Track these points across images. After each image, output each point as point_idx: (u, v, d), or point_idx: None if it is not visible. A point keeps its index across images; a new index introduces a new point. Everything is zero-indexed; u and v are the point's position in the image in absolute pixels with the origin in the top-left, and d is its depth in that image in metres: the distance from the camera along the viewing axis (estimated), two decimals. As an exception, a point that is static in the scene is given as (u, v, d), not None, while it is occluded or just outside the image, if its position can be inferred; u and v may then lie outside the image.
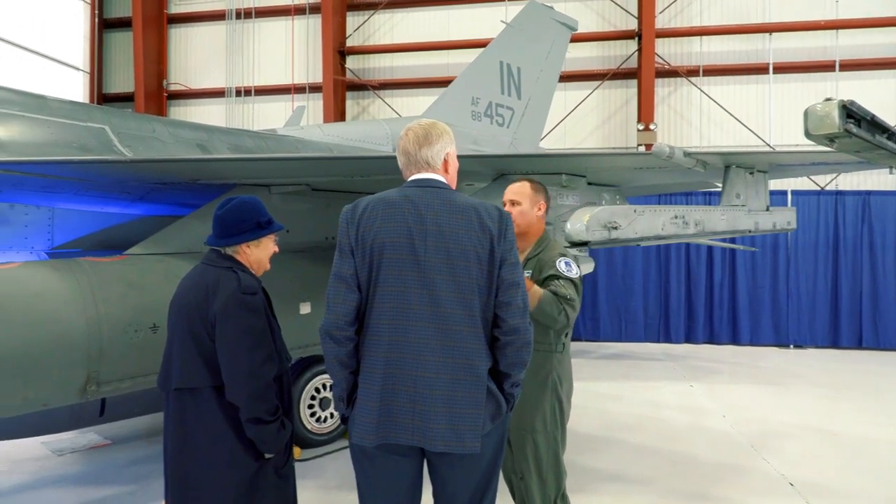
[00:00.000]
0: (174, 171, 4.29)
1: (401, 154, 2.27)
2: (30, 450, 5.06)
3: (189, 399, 2.42)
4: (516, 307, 2.13)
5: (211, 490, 2.40)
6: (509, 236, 2.17)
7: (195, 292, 2.46)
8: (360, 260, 2.13)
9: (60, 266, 3.55)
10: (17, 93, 4.48)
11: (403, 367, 2.06)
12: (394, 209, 2.14)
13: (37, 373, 3.22)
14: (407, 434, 2.06)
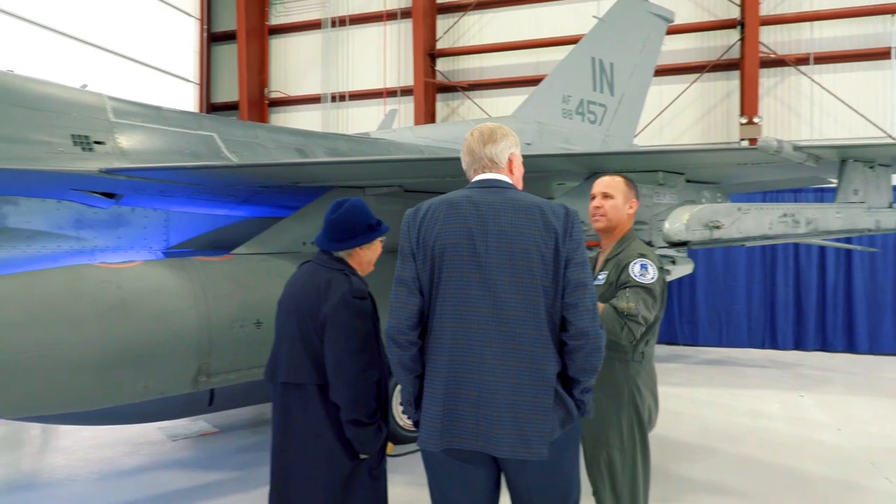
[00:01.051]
0: (276, 175, 4.51)
1: (465, 154, 2.24)
2: (148, 434, 5.47)
3: (294, 393, 2.51)
4: (584, 309, 2.04)
5: (309, 483, 2.48)
6: (575, 235, 2.09)
7: (307, 292, 2.52)
8: (421, 263, 2.10)
9: (175, 265, 3.83)
10: (137, 105, 4.86)
11: (466, 370, 2.02)
12: (455, 210, 2.10)
13: (156, 363, 3.49)
14: (471, 439, 2.01)
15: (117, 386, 3.41)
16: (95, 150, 4.21)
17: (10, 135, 3.90)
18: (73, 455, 5.10)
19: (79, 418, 4.12)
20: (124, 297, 3.44)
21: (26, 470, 4.96)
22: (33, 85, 4.39)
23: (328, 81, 14.19)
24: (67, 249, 4.16)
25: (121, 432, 5.36)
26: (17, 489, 4.47)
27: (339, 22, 14.18)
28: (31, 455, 5.32)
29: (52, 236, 4.11)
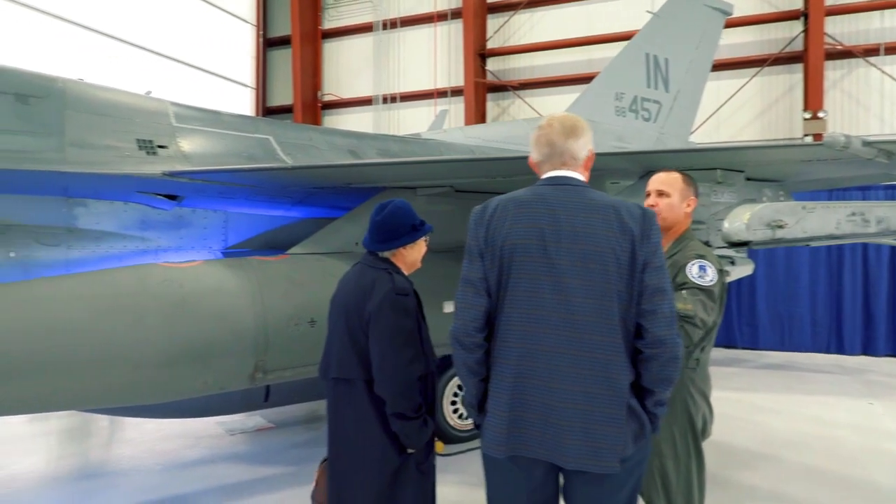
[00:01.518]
0: (329, 176, 4.58)
1: (542, 146, 2.10)
2: (208, 428, 5.66)
3: (345, 389, 2.59)
4: (662, 316, 1.94)
5: (360, 476, 2.55)
6: (653, 238, 1.98)
7: (354, 292, 2.61)
8: (489, 263, 2.03)
9: (234, 264, 3.95)
10: (197, 110, 5.04)
11: (535, 376, 1.94)
12: (525, 209, 2.02)
13: (215, 360, 3.60)
14: (537, 448, 1.94)
15: (179, 380, 3.54)
16: (159, 153, 4.38)
17: (81, 140, 4.10)
18: (139, 446, 5.32)
19: (143, 411, 4.31)
20: (186, 296, 3.57)
21: (95, 459, 5.20)
22: (102, 93, 4.60)
23: (379, 83, 14.36)
24: (133, 249, 4.34)
25: (182, 426, 5.57)
26: (87, 477, 4.69)
27: (389, 24, 14.32)
28: (100, 445, 5.57)
29: (119, 237, 4.29)
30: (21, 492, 4.41)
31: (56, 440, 5.65)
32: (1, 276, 3.79)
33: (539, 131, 2.14)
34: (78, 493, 4.35)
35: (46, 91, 4.21)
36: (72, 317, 3.29)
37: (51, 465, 5.06)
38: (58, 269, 3.98)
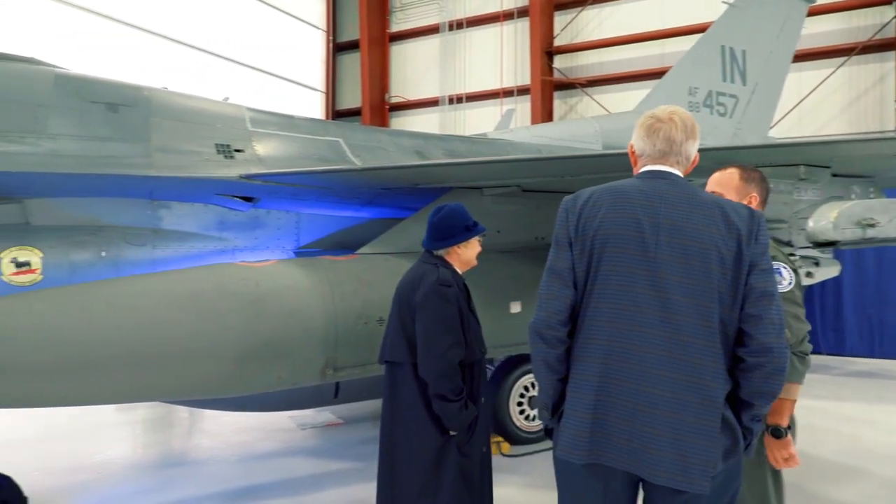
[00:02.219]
0: (397, 177, 4.65)
1: (659, 140, 1.96)
2: (280, 422, 5.85)
3: (396, 371, 2.85)
4: (769, 322, 1.78)
5: (407, 452, 2.77)
6: (762, 239, 1.85)
7: (408, 284, 2.90)
8: (578, 253, 1.92)
9: (305, 264, 4.06)
10: (271, 114, 5.21)
11: (623, 377, 1.81)
12: (622, 199, 1.90)
13: (288, 356, 3.72)
14: (620, 457, 1.80)
15: (255, 375, 3.68)
16: (236, 157, 4.56)
17: (166, 146, 4.32)
18: (216, 437, 5.56)
19: (221, 404, 4.50)
20: (261, 294, 3.70)
21: (177, 448, 5.48)
22: (184, 100, 4.84)
23: (446, 84, 14.43)
24: (212, 249, 4.54)
25: (257, 419, 5.77)
26: (169, 465, 4.94)
27: (455, 25, 14.38)
28: (181, 435, 5.86)
29: (199, 237, 4.50)
30: (112, 476, 4.70)
31: (141, 429, 5.98)
32: (94, 274, 4.04)
33: (654, 122, 1.99)
34: (162, 480, 4.58)
35: (134, 100, 4.47)
36: (157, 313, 3.47)
37: (137, 452, 5.37)
38: (144, 267, 4.21)
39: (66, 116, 4.14)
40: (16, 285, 3.89)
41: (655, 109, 2.03)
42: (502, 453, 4.89)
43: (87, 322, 3.32)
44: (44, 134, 4.01)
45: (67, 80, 4.37)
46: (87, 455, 5.11)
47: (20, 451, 5.02)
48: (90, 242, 4.12)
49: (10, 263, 3.89)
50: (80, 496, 4.32)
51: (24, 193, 4.03)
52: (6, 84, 4.10)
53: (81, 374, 3.29)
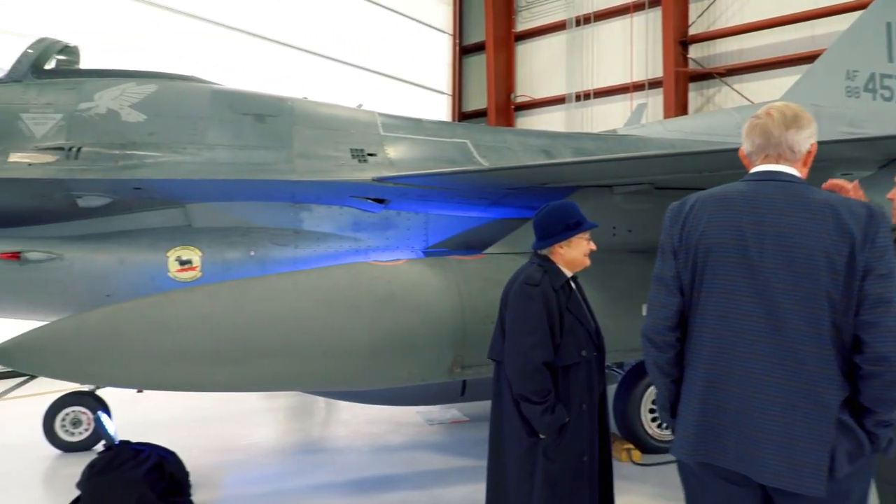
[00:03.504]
0: (524, 177, 4.63)
1: (756, 136, 1.96)
2: (408, 416, 6.03)
3: (499, 369, 2.87)
4: (885, 330, 1.72)
5: (508, 453, 2.77)
6: (879, 242, 1.76)
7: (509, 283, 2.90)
8: (682, 262, 1.96)
9: (434, 263, 4.17)
10: (401, 119, 5.40)
11: (729, 382, 1.86)
12: (725, 206, 1.91)
13: (418, 352, 3.84)
14: (730, 458, 1.84)
15: (386, 370, 3.83)
16: (369, 161, 4.78)
17: (306, 152, 4.62)
18: (350, 428, 5.85)
19: (354, 396, 4.73)
20: (393, 292, 3.84)
21: (315, 436, 5.83)
22: (322, 108, 5.14)
23: (573, 81, 14.16)
24: (347, 249, 4.78)
25: (387, 412, 5.99)
26: (308, 452, 5.27)
27: (583, 20, 14.05)
28: (318, 424, 6.23)
29: (336, 237, 4.76)
30: (258, 457, 5.10)
31: (283, 417, 6.43)
32: (244, 272, 4.41)
33: (754, 120, 2.00)
34: (301, 465, 4.90)
35: (278, 110, 4.82)
36: (299, 308, 3.72)
37: (279, 438, 5.78)
38: (287, 265, 4.52)
39: (221, 128, 4.55)
40: (179, 281, 4.35)
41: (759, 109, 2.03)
42: (633, 461, 4.71)
43: (239, 315, 3.63)
44: (203, 144, 4.44)
45: (222, 94, 4.80)
46: (237, 437, 5.58)
47: (179, 430, 5.58)
48: (241, 243, 4.51)
49: (175, 261, 4.35)
50: (232, 474, 4.73)
51: (187, 199, 4.48)
52: (171, 101, 4.58)
53: (233, 363, 3.60)
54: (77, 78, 4.52)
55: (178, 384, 3.68)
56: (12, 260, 4.09)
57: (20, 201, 4.19)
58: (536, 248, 2.91)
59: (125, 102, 4.42)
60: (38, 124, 4.20)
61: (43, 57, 4.51)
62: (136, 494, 3.79)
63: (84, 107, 4.32)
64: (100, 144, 4.21)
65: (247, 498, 4.23)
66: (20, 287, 4.17)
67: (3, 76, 4.41)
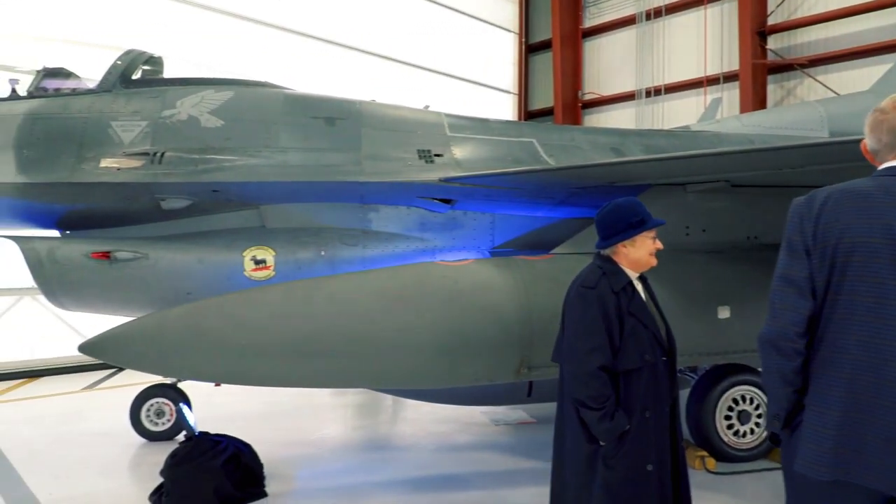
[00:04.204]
0: (592, 176, 4.55)
1: (883, 132, 1.84)
2: (474, 416, 6.03)
3: (562, 371, 2.78)
4: None
5: (570, 458, 2.68)
6: None
7: (571, 284, 2.84)
8: (817, 262, 1.82)
9: (500, 263, 4.15)
10: (468, 119, 5.41)
11: (881, 395, 1.70)
12: (867, 202, 1.77)
13: (484, 352, 3.83)
14: (878, 477, 1.69)
15: (453, 369, 3.84)
16: (435, 161, 4.81)
17: (374, 153, 4.71)
18: (416, 426, 5.91)
19: (421, 394, 4.78)
20: (460, 291, 3.86)
21: (381, 433, 5.92)
22: (389, 110, 5.22)
23: (642, 76, 13.78)
24: (414, 249, 4.84)
25: (453, 411, 6.01)
26: (375, 448, 5.36)
27: (653, 14, 13.66)
28: (385, 421, 6.32)
29: (403, 238, 4.82)
30: (328, 452, 5.23)
31: (351, 413, 6.56)
32: (315, 271, 4.54)
33: (879, 115, 1.87)
34: (368, 461, 4.99)
35: (348, 113, 4.93)
36: (367, 307, 3.79)
37: (347, 434, 5.91)
38: (356, 265, 4.62)
39: (293, 132, 4.70)
40: (254, 280, 4.52)
41: (882, 101, 1.89)
42: (707, 469, 4.54)
43: (309, 314, 3.74)
44: (276, 148, 4.59)
45: (294, 99, 4.95)
46: (307, 432, 5.74)
47: (253, 424, 5.79)
48: (312, 243, 4.64)
49: (250, 261, 4.52)
50: (303, 467, 4.86)
51: (261, 200, 4.65)
52: (247, 106, 4.76)
53: (304, 360, 3.72)
54: (161, 87, 4.76)
55: (252, 379, 3.83)
56: (103, 259, 4.35)
57: (110, 204, 4.46)
58: (599, 247, 2.79)
59: (204, 109, 4.63)
60: (125, 131, 4.46)
61: (130, 68, 4.79)
62: (213, 484, 3.96)
63: (167, 114, 4.55)
64: (181, 149, 4.42)
65: (318, 491, 4.35)
66: (110, 284, 4.44)
67: (94, 87, 4.70)
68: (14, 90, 4.62)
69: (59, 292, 4.50)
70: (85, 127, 4.43)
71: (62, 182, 4.27)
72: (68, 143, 4.37)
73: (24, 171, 4.26)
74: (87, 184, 4.26)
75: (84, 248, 4.41)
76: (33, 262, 4.38)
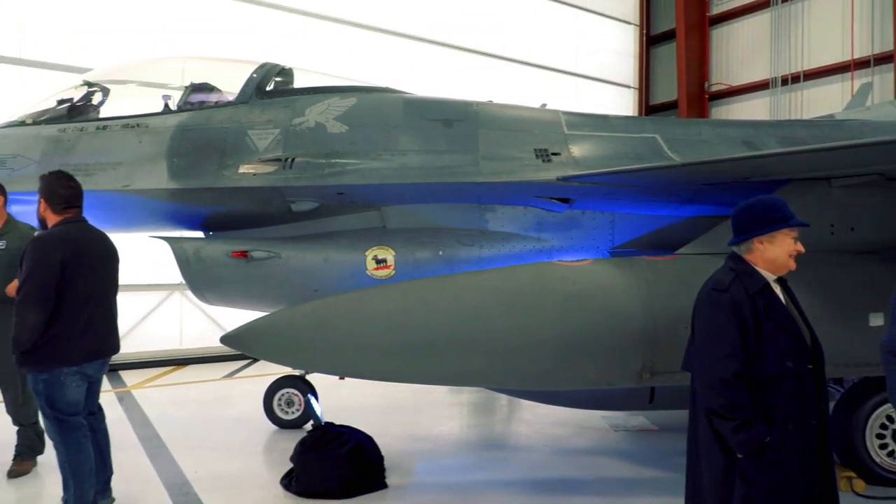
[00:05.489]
0: (722, 171, 4.27)
1: None
2: (592, 420, 5.89)
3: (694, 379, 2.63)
4: None
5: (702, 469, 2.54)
6: None
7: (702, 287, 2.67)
8: None
9: (622, 263, 4.02)
10: (587, 116, 5.28)
11: None
12: None
13: (603, 355, 3.73)
14: None
15: (571, 371, 3.77)
16: (553, 160, 4.74)
17: (491, 154, 4.72)
18: (532, 427, 5.86)
19: (537, 396, 4.73)
20: (578, 292, 3.77)
21: (497, 432, 5.93)
22: (506, 110, 5.22)
23: (778, 63, 12.79)
24: (531, 249, 4.80)
25: (570, 414, 5.90)
26: (491, 447, 5.37)
27: (791, -5, 12.65)
28: (500, 421, 6.33)
29: (520, 238, 4.80)
30: (445, 448, 5.32)
31: (467, 411, 6.63)
32: (433, 271, 4.63)
33: None
34: (485, 460, 5.01)
35: (464, 114, 4.98)
36: (485, 306, 3.81)
37: (463, 431, 5.97)
38: (473, 265, 4.66)
39: (412, 134, 4.82)
40: (375, 279, 4.69)
41: None
42: (855, 492, 4.13)
43: (428, 312, 3.82)
44: (396, 151, 4.73)
45: (413, 103, 5.08)
46: (425, 427, 5.87)
47: (373, 417, 6.00)
48: (430, 243, 4.74)
49: (372, 260, 4.69)
50: (421, 462, 4.98)
51: (382, 202, 4.81)
52: (369, 111, 4.95)
53: (422, 357, 3.80)
54: (291, 96, 5.07)
55: (372, 373, 3.97)
56: (241, 258, 4.71)
57: (247, 206, 4.81)
58: (733, 243, 2.61)
59: (330, 115, 4.87)
60: (260, 139, 4.78)
61: (265, 80, 5.14)
62: (338, 472, 4.16)
63: (297, 121, 4.83)
64: (309, 154, 4.68)
65: (435, 486, 4.43)
66: (247, 281, 4.79)
67: (233, 99, 5.09)
68: (167, 105, 5.11)
69: (204, 288, 4.91)
70: (226, 136, 4.81)
71: (207, 187, 4.66)
72: (212, 152, 4.76)
73: (175, 178, 4.70)
74: (227, 188, 4.62)
75: (225, 248, 4.79)
76: (182, 260, 4.81)
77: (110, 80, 5.43)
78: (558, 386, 3.98)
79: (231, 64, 5.66)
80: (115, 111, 5.09)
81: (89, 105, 5.19)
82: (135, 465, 4.70)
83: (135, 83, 5.61)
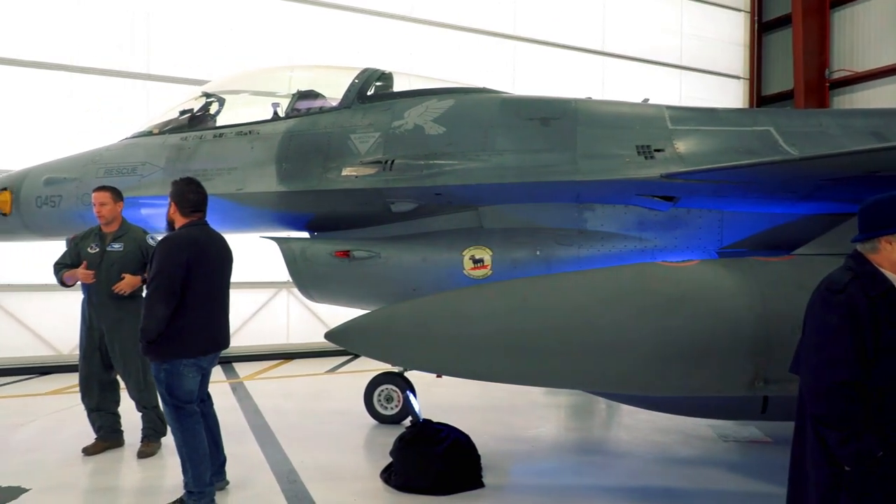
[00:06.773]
0: (846, 165, 3.94)
1: None
2: (698, 429, 5.62)
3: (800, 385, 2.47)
4: None
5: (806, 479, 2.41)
6: None
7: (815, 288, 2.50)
8: None
9: (731, 264, 3.80)
10: (692, 110, 5.05)
11: None
12: None
13: (710, 361, 3.54)
14: None
15: (675, 377, 3.61)
16: (656, 157, 4.56)
17: (590, 152, 4.62)
18: (633, 433, 5.67)
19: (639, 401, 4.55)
20: (683, 294, 3.61)
21: (596, 437, 5.80)
22: (605, 106, 5.08)
23: (912, 45, 11.65)
24: (632, 249, 4.64)
25: (674, 421, 5.66)
26: (589, 451, 5.25)
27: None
28: (599, 425, 6.18)
29: (620, 237, 4.66)
30: (542, 450, 5.26)
31: (565, 414, 6.52)
32: (530, 270, 4.59)
33: None
34: (582, 464, 4.91)
35: (562, 112, 4.90)
36: (583, 308, 3.72)
37: (561, 434, 5.88)
38: (571, 265, 4.57)
39: (509, 134, 4.81)
40: (473, 278, 4.71)
41: None
42: None
43: (526, 312, 3.78)
44: (493, 150, 4.74)
45: (510, 102, 5.06)
46: (522, 428, 5.83)
47: (470, 416, 6.03)
48: (527, 243, 4.70)
49: (469, 260, 4.73)
50: (518, 463, 4.95)
51: (479, 202, 4.83)
52: (466, 112, 4.98)
53: (520, 357, 3.76)
54: (391, 100, 5.20)
55: (469, 372, 3.99)
56: (344, 257, 4.89)
57: (349, 208, 4.99)
58: (857, 240, 2.44)
59: (428, 117, 4.95)
60: (362, 142, 4.94)
61: (366, 85, 5.30)
62: (435, 469, 4.22)
63: (396, 124, 4.95)
64: (408, 156, 4.78)
65: (532, 488, 4.39)
66: (349, 280, 4.97)
67: (336, 104, 5.29)
68: (276, 112, 5.40)
69: (310, 286, 5.15)
70: (329, 140, 5.01)
71: (312, 190, 4.87)
72: (317, 156, 4.97)
73: (283, 181, 4.95)
74: (331, 191, 4.81)
75: (329, 248, 4.99)
76: (289, 259, 5.06)
77: (225, 91, 5.81)
78: (662, 392, 3.83)
79: (334, 70, 5.89)
80: (229, 119, 5.44)
81: (207, 115, 5.58)
82: (246, 452, 5.00)
83: (247, 92, 5.97)
